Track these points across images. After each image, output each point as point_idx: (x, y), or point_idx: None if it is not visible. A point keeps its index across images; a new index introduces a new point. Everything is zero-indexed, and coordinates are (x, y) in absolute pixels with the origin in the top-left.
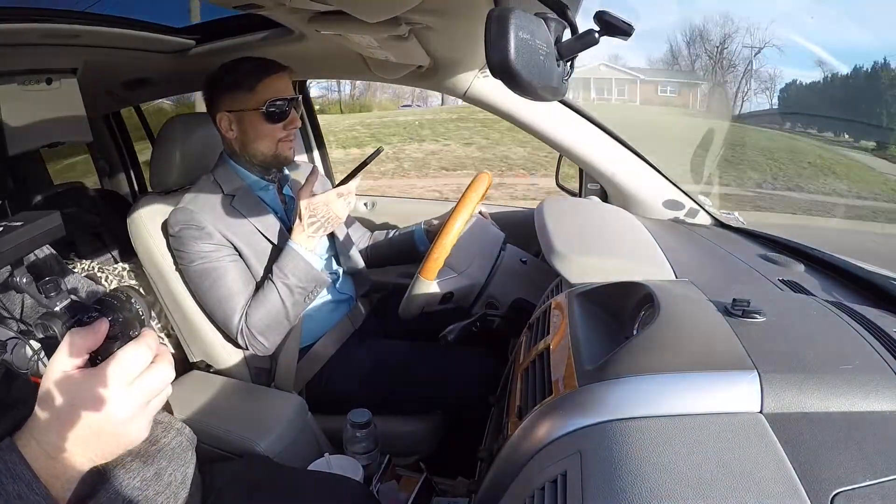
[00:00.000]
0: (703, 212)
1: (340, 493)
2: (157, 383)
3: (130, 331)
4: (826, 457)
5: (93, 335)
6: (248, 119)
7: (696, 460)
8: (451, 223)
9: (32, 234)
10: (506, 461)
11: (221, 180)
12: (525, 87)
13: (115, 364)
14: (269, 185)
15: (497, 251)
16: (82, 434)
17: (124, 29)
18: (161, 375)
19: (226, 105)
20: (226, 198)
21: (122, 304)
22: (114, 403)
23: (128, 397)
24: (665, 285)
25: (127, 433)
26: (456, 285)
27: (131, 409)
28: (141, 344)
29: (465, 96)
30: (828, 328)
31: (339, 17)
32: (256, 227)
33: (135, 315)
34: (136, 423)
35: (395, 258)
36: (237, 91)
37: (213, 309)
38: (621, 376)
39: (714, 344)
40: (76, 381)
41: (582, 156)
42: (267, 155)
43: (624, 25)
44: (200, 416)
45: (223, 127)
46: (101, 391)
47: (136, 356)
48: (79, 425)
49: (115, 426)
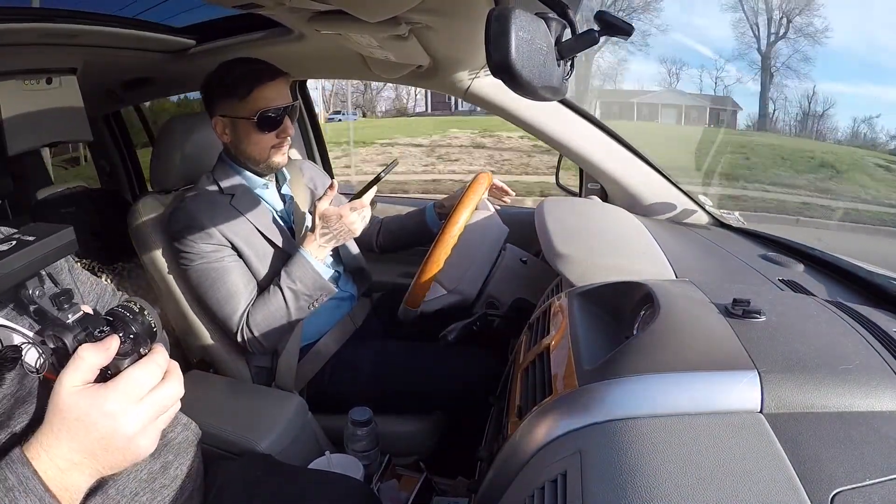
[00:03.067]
0: (703, 212)
1: (341, 491)
2: (167, 400)
3: (141, 347)
4: (826, 456)
5: (104, 352)
6: (241, 126)
7: (695, 460)
8: (458, 211)
9: (45, 251)
10: (506, 461)
11: (220, 179)
12: (525, 87)
13: (125, 381)
14: (267, 183)
15: (498, 249)
16: (92, 448)
17: (124, 29)
18: (170, 393)
19: (220, 110)
20: (224, 196)
21: (135, 317)
22: (123, 420)
23: (137, 414)
24: (665, 285)
25: (135, 448)
26: (446, 303)
27: (140, 425)
28: (151, 362)
29: (466, 96)
30: (828, 328)
31: (339, 16)
32: (256, 226)
33: (146, 328)
34: (144, 438)
35: (409, 240)
36: (230, 98)
37: (214, 308)
38: (621, 376)
39: (714, 344)
40: (86, 397)
41: (582, 155)
42: (259, 161)
43: (624, 25)
44: (201, 415)
45: (218, 130)
46: (110, 407)
47: (147, 375)
48: (88, 440)
49: (124, 441)
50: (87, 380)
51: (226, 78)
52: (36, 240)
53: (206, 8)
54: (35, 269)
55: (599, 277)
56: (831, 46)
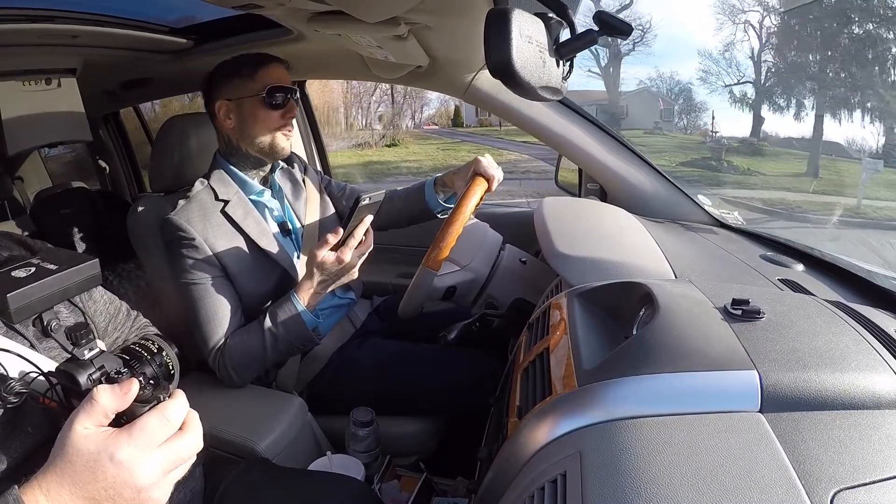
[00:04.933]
0: (702, 212)
1: (342, 492)
2: (184, 452)
3: (161, 394)
4: (826, 456)
5: (122, 397)
6: (247, 106)
7: (695, 460)
8: (458, 211)
9: (66, 284)
10: (506, 461)
11: (215, 185)
12: (524, 87)
13: (140, 429)
14: (263, 190)
15: (496, 251)
16: (97, 497)
17: (123, 29)
18: (188, 444)
19: (225, 93)
20: (217, 204)
21: (153, 357)
22: (135, 470)
23: (150, 465)
24: (665, 285)
25: (145, 501)
26: (459, 279)
27: (153, 478)
28: (170, 410)
29: (465, 96)
30: (827, 328)
31: (339, 17)
32: (249, 236)
33: (164, 371)
34: (156, 491)
35: (408, 216)
36: (237, 78)
37: (194, 324)
38: (621, 376)
39: (714, 344)
40: (97, 442)
41: (582, 155)
42: (264, 144)
43: (622, 25)
44: (201, 416)
45: (221, 115)
46: (122, 455)
47: (163, 423)
48: (94, 487)
49: (134, 492)
50: (100, 423)
51: (232, 63)
52: (57, 269)
53: (205, 8)
54: (54, 303)
55: (599, 277)
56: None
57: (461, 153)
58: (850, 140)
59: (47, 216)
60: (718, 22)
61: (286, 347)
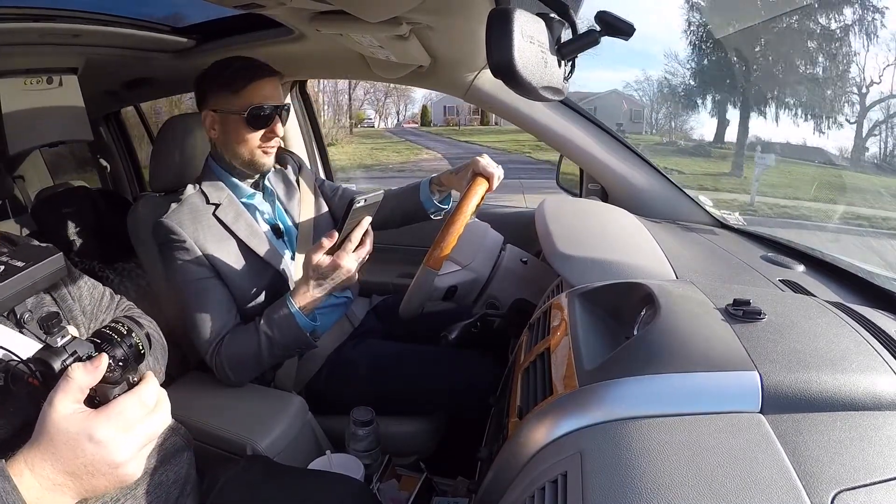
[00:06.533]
0: (703, 212)
1: (341, 492)
2: (156, 429)
3: (130, 375)
4: (826, 457)
5: (93, 371)
6: (230, 121)
7: (696, 460)
8: (459, 211)
9: (33, 279)
10: (506, 461)
11: (206, 188)
12: (526, 87)
13: (116, 411)
14: (254, 193)
15: (497, 251)
16: (77, 471)
17: (125, 29)
18: (160, 422)
19: (211, 104)
20: (209, 207)
21: (122, 339)
22: (113, 448)
23: (127, 443)
24: (665, 285)
25: (122, 475)
26: (460, 279)
27: (129, 454)
28: (143, 392)
29: (466, 96)
30: (828, 328)
31: (340, 16)
32: (240, 237)
33: (134, 352)
34: (131, 466)
35: (402, 215)
36: (223, 92)
37: (189, 324)
38: (621, 376)
39: (714, 344)
40: (76, 422)
41: (582, 155)
42: (245, 159)
43: (624, 25)
44: (200, 416)
45: (207, 124)
46: (101, 435)
47: (138, 405)
48: (75, 463)
49: (110, 468)
50: (77, 400)
51: (223, 71)
52: (25, 266)
53: (206, 8)
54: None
55: (600, 278)
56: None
57: (386, 152)
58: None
59: (48, 215)
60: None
61: (282, 350)
